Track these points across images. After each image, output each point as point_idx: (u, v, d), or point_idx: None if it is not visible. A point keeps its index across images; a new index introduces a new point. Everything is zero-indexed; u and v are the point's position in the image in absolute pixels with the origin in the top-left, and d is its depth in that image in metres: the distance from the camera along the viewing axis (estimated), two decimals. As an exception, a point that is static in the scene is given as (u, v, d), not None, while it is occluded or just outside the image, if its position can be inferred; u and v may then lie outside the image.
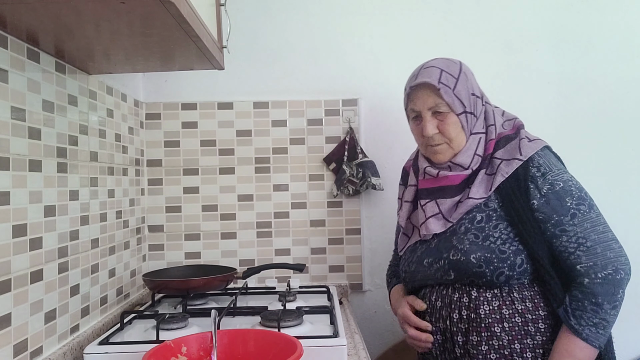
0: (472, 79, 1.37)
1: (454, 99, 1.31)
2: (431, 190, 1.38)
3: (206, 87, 1.99)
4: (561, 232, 1.24)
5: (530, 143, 1.31)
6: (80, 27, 1.05)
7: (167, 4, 0.90)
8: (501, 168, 1.30)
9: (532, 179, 1.27)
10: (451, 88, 1.31)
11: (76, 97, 1.38)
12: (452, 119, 1.32)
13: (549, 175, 1.28)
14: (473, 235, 1.28)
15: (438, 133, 1.33)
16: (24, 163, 1.12)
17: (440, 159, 1.36)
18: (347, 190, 1.92)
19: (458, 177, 1.34)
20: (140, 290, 1.85)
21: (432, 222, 1.35)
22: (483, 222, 1.29)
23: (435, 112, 1.33)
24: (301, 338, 1.09)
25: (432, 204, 1.37)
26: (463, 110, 1.32)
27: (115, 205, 1.63)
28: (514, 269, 1.24)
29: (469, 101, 1.33)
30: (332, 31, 2.01)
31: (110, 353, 1.20)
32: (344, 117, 1.98)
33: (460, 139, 1.33)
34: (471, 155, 1.33)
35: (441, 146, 1.34)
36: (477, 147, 1.34)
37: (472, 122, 1.35)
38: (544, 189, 1.26)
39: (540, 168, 1.28)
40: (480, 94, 1.38)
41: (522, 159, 1.28)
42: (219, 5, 1.44)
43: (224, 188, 1.97)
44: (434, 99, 1.32)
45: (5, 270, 1.04)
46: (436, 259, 1.33)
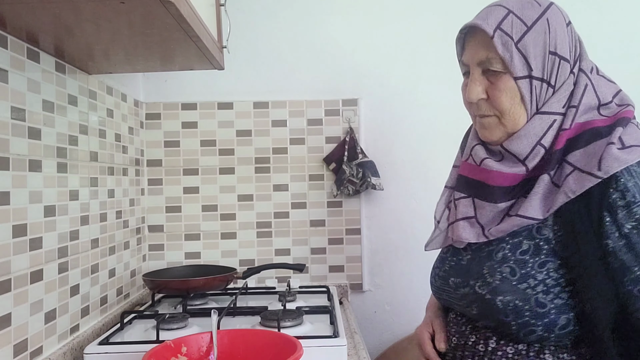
0: (561, 31, 0.94)
1: (513, 55, 0.92)
2: (471, 183, 1.02)
3: (206, 87, 1.99)
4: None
5: (622, 152, 0.87)
6: (80, 27, 1.05)
7: (167, 4, 0.91)
8: (568, 183, 0.89)
9: (610, 207, 0.86)
10: (514, 40, 0.92)
11: (76, 97, 1.38)
12: (507, 84, 0.93)
13: (638, 206, 0.86)
14: (509, 270, 0.93)
15: (486, 100, 0.97)
16: (24, 163, 1.12)
17: (488, 137, 0.99)
18: (347, 190, 1.92)
19: (508, 176, 0.95)
20: (140, 290, 1.85)
21: (463, 226, 1.01)
22: (528, 255, 0.92)
23: (486, 70, 0.96)
24: (301, 338, 1.09)
25: (468, 202, 1.02)
26: (527, 74, 0.92)
27: (115, 205, 1.63)
28: (552, 330, 0.90)
29: (542, 61, 0.93)
30: (332, 31, 2.01)
31: (110, 353, 1.20)
32: (344, 117, 1.98)
33: (515, 114, 0.94)
34: (531, 144, 0.93)
35: (489, 119, 0.97)
36: (545, 135, 0.93)
37: (541, 94, 0.94)
38: (627, 226, 0.86)
39: (626, 194, 0.86)
40: (572, 56, 0.96)
41: (601, 176, 0.86)
42: (219, 5, 1.44)
43: (224, 188, 1.97)
44: (486, 52, 0.95)
45: (5, 270, 1.04)
46: (463, 282, 1.00)
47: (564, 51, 0.94)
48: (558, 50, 0.93)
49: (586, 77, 0.95)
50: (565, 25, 0.95)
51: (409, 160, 2.00)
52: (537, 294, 0.90)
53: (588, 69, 0.97)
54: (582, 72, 0.96)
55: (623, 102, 0.96)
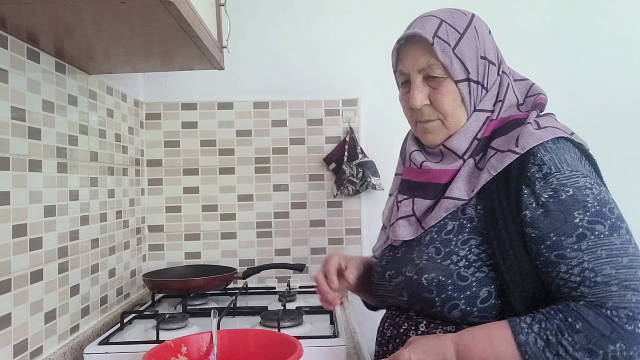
0: (487, 38, 1.02)
1: (452, 60, 0.97)
2: (412, 185, 1.06)
3: (206, 87, 1.98)
4: (559, 258, 0.87)
5: (538, 131, 0.94)
6: (80, 27, 1.05)
7: (167, 4, 0.91)
8: (490, 162, 0.95)
9: (528, 180, 0.91)
10: (451, 45, 0.97)
11: (76, 97, 1.38)
12: (448, 87, 0.98)
13: (553, 176, 0.90)
14: (434, 250, 0.96)
15: (429, 105, 1.00)
16: (24, 163, 1.12)
17: (432, 141, 1.02)
18: (347, 190, 1.92)
19: (446, 173, 1.00)
20: (140, 290, 1.85)
21: (402, 225, 1.04)
22: (452, 234, 0.96)
23: (427, 76, 1.00)
24: (301, 338, 1.09)
25: (408, 202, 1.05)
26: (466, 77, 0.98)
27: (115, 205, 1.63)
28: (475, 303, 0.91)
29: (476, 65, 0.99)
30: (332, 31, 2.01)
31: (110, 353, 1.20)
32: (344, 117, 1.98)
33: (457, 115, 1.00)
34: (469, 139, 0.99)
35: (433, 123, 1.01)
36: (481, 129, 1.00)
37: (478, 95, 1.00)
38: (544, 195, 0.89)
39: (542, 167, 0.91)
40: (496, 60, 1.03)
41: (518, 151, 0.92)
42: (219, 5, 1.44)
43: (224, 188, 1.97)
44: (427, 59, 0.98)
45: (5, 270, 1.04)
46: (397, 272, 1.03)
47: (491, 56, 1.02)
48: (487, 55, 1.01)
49: (507, 78, 1.04)
50: (488, 32, 1.05)
51: (409, 160, 1.99)
52: (459, 268, 0.93)
53: (507, 71, 1.06)
54: (504, 74, 1.04)
55: (535, 92, 1.04)
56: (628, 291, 0.83)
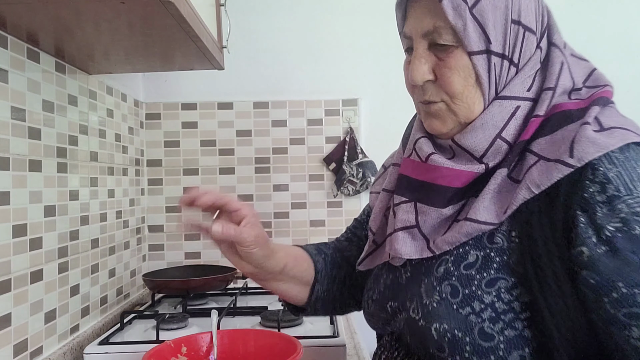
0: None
1: (467, 23, 0.70)
2: (414, 184, 0.79)
3: (206, 87, 1.99)
4: (630, 318, 0.60)
5: (600, 135, 0.66)
6: (80, 27, 1.05)
7: (167, 4, 0.91)
8: (531, 175, 0.68)
9: (585, 204, 0.64)
10: (467, 3, 0.70)
11: (76, 97, 1.38)
12: (459, 60, 0.72)
13: (622, 201, 0.63)
14: (450, 288, 0.71)
15: (433, 81, 0.75)
16: (24, 163, 1.12)
17: (436, 128, 0.77)
18: (347, 190, 1.92)
19: (462, 174, 0.74)
20: (140, 290, 1.85)
21: (403, 239, 0.77)
22: (474, 268, 0.70)
23: (434, 43, 0.74)
24: (301, 338, 1.09)
25: (409, 207, 0.78)
26: (484, 48, 0.71)
27: (115, 205, 1.63)
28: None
29: (503, 32, 0.71)
30: (332, 31, 2.01)
31: (110, 353, 1.20)
32: (344, 117, 1.98)
33: (470, 99, 0.73)
34: (489, 137, 0.72)
35: (437, 106, 0.75)
36: (506, 125, 0.72)
37: (502, 74, 0.73)
38: (609, 227, 0.62)
39: (606, 187, 0.64)
40: (538, 26, 0.75)
41: (573, 164, 0.65)
42: (219, 5, 1.44)
43: (224, 188, 1.97)
44: (433, 20, 0.73)
45: (5, 270, 1.04)
46: (401, 306, 0.78)
47: (529, 20, 0.73)
48: (522, 19, 0.72)
49: (561, 54, 0.75)
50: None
51: (409, 160, 1.99)
52: (482, 322, 0.67)
53: (561, 44, 0.77)
54: (555, 47, 0.75)
55: (598, 82, 0.76)
56: None
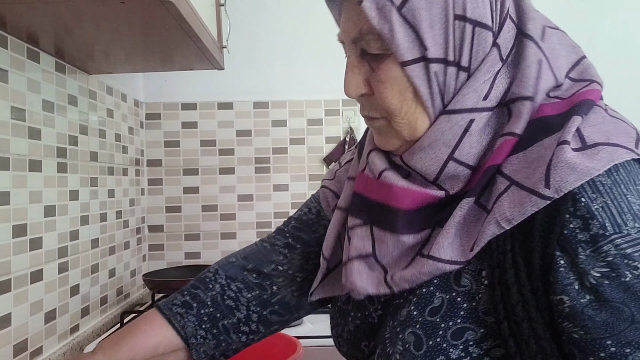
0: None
1: (394, 28, 0.56)
2: (368, 204, 0.66)
3: (206, 87, 1.99)
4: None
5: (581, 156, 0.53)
6: (80, 27, 1.05)
7: (167, 4, 0.91)
8: (501, 206, 0.55)
9: (565, 243, 0.53)
10: (395, 3, 0.56)
11: (76, 97, 1.38)
12: (390, 72, 0.59)
13: (609, 241, 0.52)
14: (413, 337, 0.59)
15: (369, 95, 0.62)
16: (24, 163, 1.12)
17: (383, 145, 0.64)
18: (347, 190, 1.92)
19: (416, 195, 0.61)
20: (140, 290, 1.85)
21: (358, 269, 0.64)
22: (439, 315, 0.59)
23: (364, 51, 0.61)
24: (301, 338, 1.09)
25: (365, 232, 0.65)
26: (420, 55, 0.57)
27: (115, 205, 1.63)
28: None
29: (443, 34, 0.57)
30: (332, 31, 2.00)
31: (110, 353, 1.20)
32: (344, 117, 1.98)
33: (411, 116, 0.60)
34: (440, 160, 0.59)
35: (378, 122, 0.63)
36: (459, 143, 0.58)
37: (448, 83, 0.58)
38: (593, 274, 0.52)
39: (590, 223, 0.52)
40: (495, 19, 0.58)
41: (549, 195, 0.52)
42: (219, 5, 1.44)
43: (224, 188, 1.97)
44: (357, 24, 0.60)
45: (5, 270, 1.04)
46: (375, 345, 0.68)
47: (479, 12, 0.57)
48: (468, 12, 0.57)
49: (537, 48, 0.58)
50: None
51: (409, 160, 2.00)
52: None
53: (537, 34, 0.59)
54: (528, 40, 0.58)
55: (585, 76, 0.62)
56: None
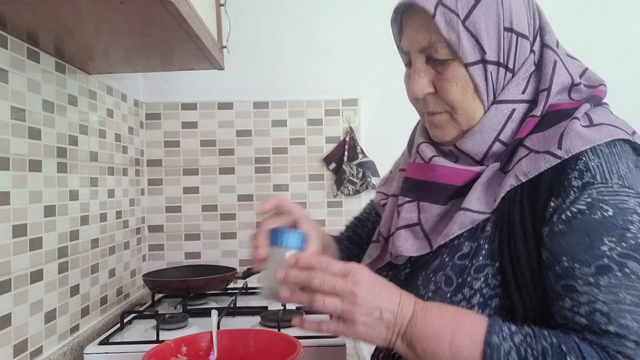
0: (518, 2, 0.77)
1: (461, 36, 0.74)
2: (416, 185, 0.83)
3: (206, 87, 1.99)
4: (566, 290, 0.66)
5: (589, 130, 0.71)
6: (80, 27, 1.05)
7: (167, 4, 0.91)
8: (520, 166, 0.72)
9: (562, 190, 0.68)
10: (460, 17, 0.74)
11: (76, 97, 1.38)
12: (456, 73, 0.76)
13: (594, 188, 0.67)
14: (444, 278, 0.75)
15: (433, 94, 0.79)
16: (24, 163, 1.12)
17: (440, 137, 0.81)
18: (347, 190, 1.92)
19: (461, 173, 0.78)
20: (140, 290, 1.85)
21: (405, 237, 0.80)
22: (467, 259, 0.74)
23: (431, 57, 0.78)
24: (301, 338, 1.09)
25: (412, 207, 0.82)
26: (480, 58, 0.75)
27: (115, 205, 1.63)
28: None
29: (496, 41, 0.75)
30: (332, 31, 2.01)
31: (110, 353, 1.20)
32: (344, 117, 1.98)
33: (470, 107, 0.77)
34: (488, 141, 0.76)
35: (440, 117, 0.80)
36: (503, 128, 0.76)
37: (498, 81, 0.76)
38: (572, 209, 0.67)
39: (584, 174, 0.68)
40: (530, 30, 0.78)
41: (560, 155, 0.69)
42: (219, 5, 1.44)
43: (224, 188, 1.97)
44: (428, 35, 0.76)
45: (5, 270, 1.04)
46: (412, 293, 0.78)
47: (521, 26, 0.77)
48: (514, 26, 0.76)
49: (554, 53, 0.78)
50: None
51: (409, 160, 2.00)
52: (472, 307, 0.71)
53: (553, 43, 0.80)
54: (547, 48, 0.78)
55: (593, 82, 0.81)
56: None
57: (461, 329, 0.68)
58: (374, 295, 0.70)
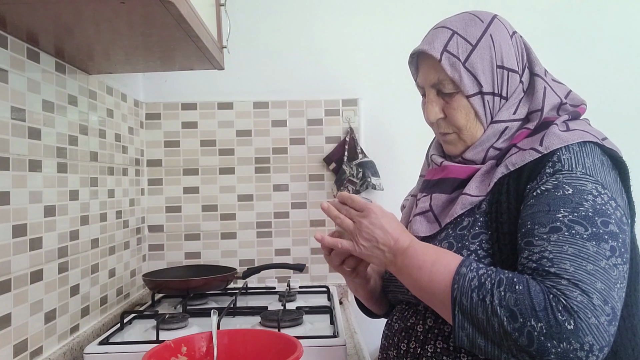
0: (505, 44, 0.98)
1: (462, 75, 0.96)
2: (431, 183, 1.05)
3: (206, 87, 1.99)
4: (526, 245, 0.84)
5: (564, 133, 0.92)
6: (80, 27, 1.05)
7: (167, 4, 0.91)
8: (510, 159, 0.94)
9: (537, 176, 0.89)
10: (461, 60, 0.96)
11: (76, 97, 1.38)
12: (460, 102, 0.98)
13: (561, 174, 0.87)
14: (447, 244, 0.94)
15: (444, 119, 1.01)
16: (24, 163, 1.12)
17: (451, 151, 1.04)
18: (347, 190, 1.92)
19: (465, 169, 1.00)
20: (140, 290, 1.85)
21: (419, 221, 1.02)
22: (466, 229, 0.94)
23: (439, 91, 1.00)
24: (301, 338, 1.09)
25: (426, 199, 1.04)
26: (478, 91, 0.97)
27: (115, 205, 1.63)
28: None
29: (491, 76, 0.97)
30: (332, 31, 2.01)
31: (110, 353, 1.20)
32: (344, 117, 1.98)
33: (473, 128, 0.99)
34: (484, 149, 0.99)
35: (450, 136, 1.02)
36: (497, 140, 0.98)
37: (494, 106, 0.98)
38: (541, 187, 0.87)
39: (556, 164, 0.88)
40: (519, 65, 1.00)
41: (541, 150, 0.90)
42: (219, 5, 1.44)
43: (224, 188, 1.97)
44: (437, 74, 0.99)
45: (5, 270, 1.04)
46: None
47: (510, 63, 0.98)
48: (505, 63, 0.98)
49: (543, 81, 0.99)
50: (509, 37, 1.00)
51: (409, 161, 1.98)
52: None
53: (542, 72, 1.00)
54: (537, 77, 1.00)
55: (576, 102, 1.02)
56: (577, 289, 0.75)
57: (440, 261, 0.87)
58: (375, 228, 0.93)
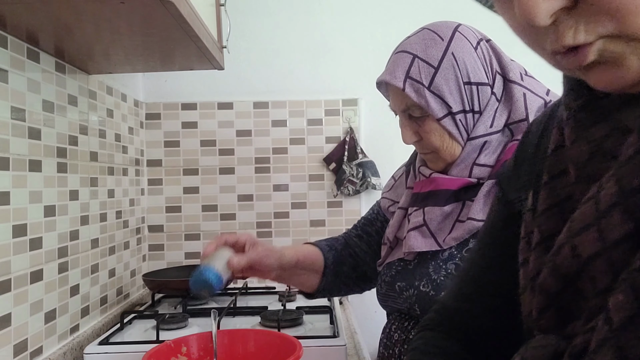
0: (469, 58, 0.94)
1: (428, 99, 0.93)
2: (422, 196, 1.01)
3: (206, 87, 1.99)
4: None
5: None
6: (80, 27, 1.05)
7: (167, 4, 0.91)
8: None
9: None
10: (425, 85, 0.93)
11: (76, 97, 1.38)
12: (431, 126, 0.95)
13: None
14: (454, 266, 0.93)
15: (419, 141, 0.99)
16: (24, 163, 1.12)
17: (433, 168, 1.02)
18: (347, 190, 1.92)
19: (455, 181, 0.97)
20: (140, 290, 1.85)
21: (413, 236, 0.98)
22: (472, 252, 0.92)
23: (411, 115, 0.98)
24: (301, 338, 1.09)
25: (418, 213, 1.00)
26: (447, 112, 0.94)
27: (115, 205, 1.63)
28: None
29: (459, 96, 0.93)
30: (332, 31, 2.01)
31: (110, 353, 1.20)
32: (344, 117, 1.98)
33: (450, 148, 0.96)
34: (468, 166, 0.96)
35: (428, 155, 1.00)
36: (479, 155, 0.95)
37: (468, 123, 0.95)
38: None
39: None
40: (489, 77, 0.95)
41: None
42: (219, 5, 1.44)
43: (224, 188, 1.97)
44: (404, 100, 0.97)
45: (5, 270, 1.04)
46: (408, 285, 0.98)
47: (478, 77, 0.94)
48: (472, 79, 0.93)
49: (520, 87, 0.94)
50: (472, 49, 0.95)
51: (409, 160, 2.00)
52: None
53: (517, 77, 0.95)
54: (512, 84, 0.95)
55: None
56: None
57: None
58: None
